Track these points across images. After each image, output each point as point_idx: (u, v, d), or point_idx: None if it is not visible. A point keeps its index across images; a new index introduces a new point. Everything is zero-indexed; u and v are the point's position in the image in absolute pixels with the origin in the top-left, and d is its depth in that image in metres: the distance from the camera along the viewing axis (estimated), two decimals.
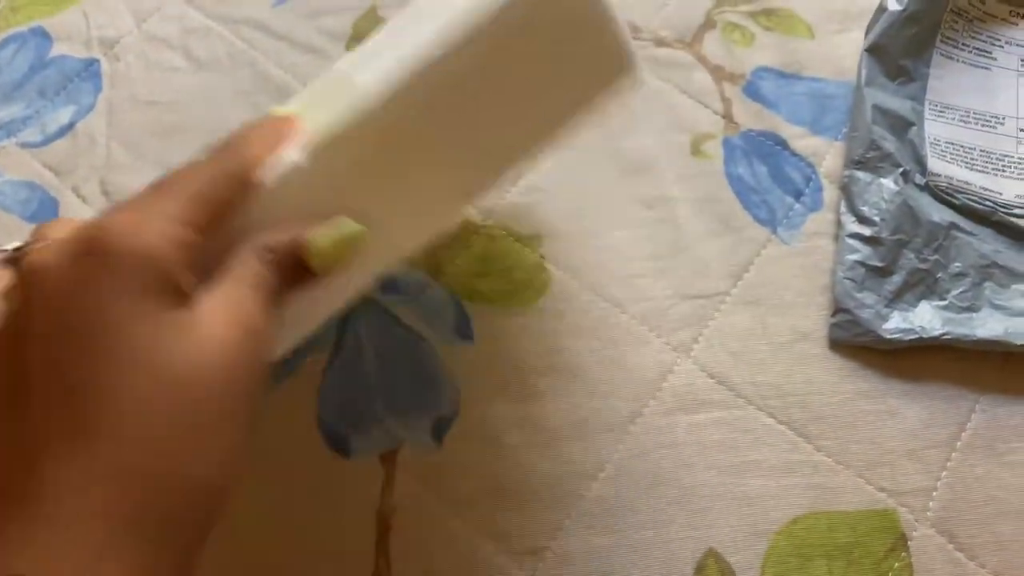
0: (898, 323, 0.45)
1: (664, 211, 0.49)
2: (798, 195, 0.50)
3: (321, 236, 0.31)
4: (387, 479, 0.43)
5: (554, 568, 0.41)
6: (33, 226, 0.34)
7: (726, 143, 0.52)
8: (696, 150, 0.51)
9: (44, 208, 0.51)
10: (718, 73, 0.54)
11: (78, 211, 0.51)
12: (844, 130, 0.52)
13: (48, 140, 0.53)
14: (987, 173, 0.49)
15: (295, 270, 0.31)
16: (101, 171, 0.52)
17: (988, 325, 0.44)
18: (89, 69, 0.56)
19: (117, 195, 0.51)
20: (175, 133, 0.53)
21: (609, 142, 0.51)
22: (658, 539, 0.41)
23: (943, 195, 0.48)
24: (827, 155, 0.51)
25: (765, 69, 0.54)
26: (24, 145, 0.53)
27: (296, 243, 0.31)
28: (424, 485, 0.43)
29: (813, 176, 0.50)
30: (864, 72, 0.50)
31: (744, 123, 0.52)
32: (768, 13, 0.55)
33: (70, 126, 0.54)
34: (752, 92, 0.53)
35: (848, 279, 0.46)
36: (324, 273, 0.32)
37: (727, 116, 0.53)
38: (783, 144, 0.51)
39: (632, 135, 0.52)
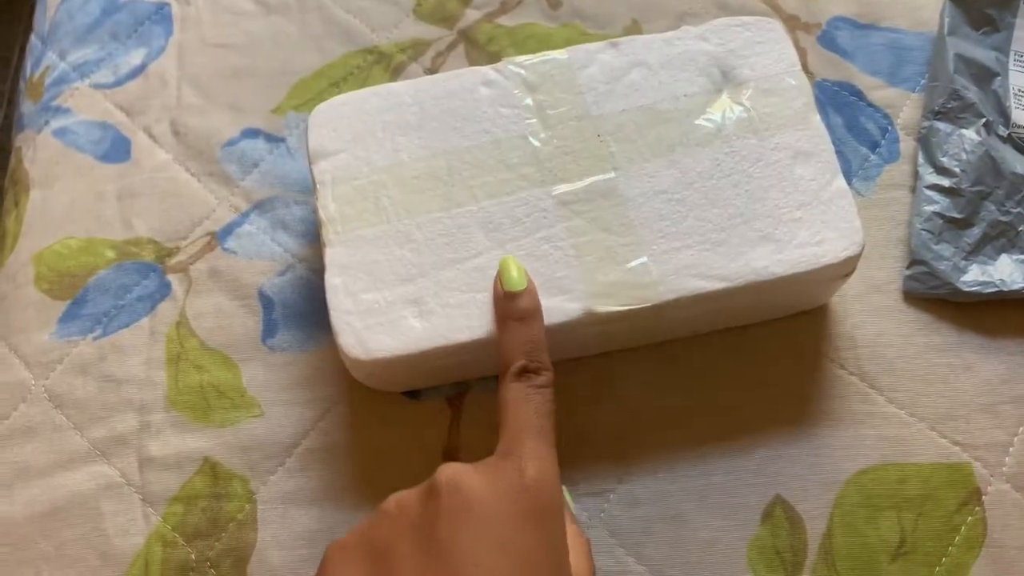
0: (976, 276, 0.44)
1: None
2: (874, 146, 0.49)
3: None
4: (453, 420, 0.43)
5: (619, 510, 0.41)
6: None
7: None
8: None
9: (116, 147, 0.52)
10: (793, 23, 0.53)
11: (150, 151, 0.51)
12: (922, 82, 0.51)
13: (120, 81, 0.54)
14: None
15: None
16: (172, 112, 0.53)
17: None
18: (160, 12, 0.56)
19: (188, 136, 0.52)
20: (244, 76, 0.54)
21: None
22: (725, 485, 0.41)
23: None
24: (904, 106, 0.50)
25: (842, 19, 0.53)
26: (97, 86, 0.54)
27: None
28: (489, 428, 0.43)
29: (890, 127, 0.49)
30: (947, 20, 0.49)
31: (819, 73, 0.51)
32: None
33: (142, 68, 0.54)
34: (828, 42, 0.52)
35: (925, 231, 0.45)
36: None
37: (802, 66, 0.52)
38: (859, 95, 0.51)
39: None
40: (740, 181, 0.41)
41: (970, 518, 0.40)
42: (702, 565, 0.40)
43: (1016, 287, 0.43)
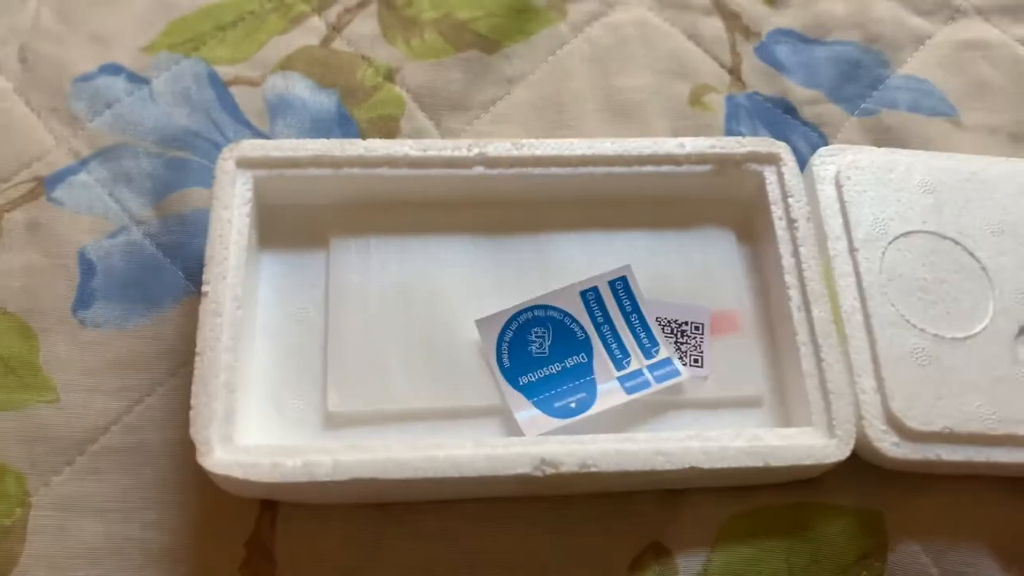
0: None
1: None
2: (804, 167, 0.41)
3: None
4: None
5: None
6: None
7: (729, 100, 0.43)
8: (695, 100, 0.43)
9: None
10: (733, 22, 0.45)
11: None
12: (863, 105, 0.43)
13: None
14: None
15: None
16: (24, 36, 0.43)
17: None
18: None
19: (37, 64, 0.42)
20: (117, 4, 0.44)
21: (600, 78, 0.43)
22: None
23: None
24: (842, 127, 0.43)
25: (783, 32, 0.45)
26: None
27: None
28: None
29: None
30: None
31: (752, 85, 0.44)
32: None
33: None
34: (765, 54, 0.45)
35: None
36: None
37: (734, 72, 0.44)
38: (792, 111, 0.43)
39: (626, 73, 0.43)
40: None
41: (864, 572, 0.33)
42: None
43: None
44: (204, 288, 0.32)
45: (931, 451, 0.32)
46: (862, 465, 0.33)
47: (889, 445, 0.32)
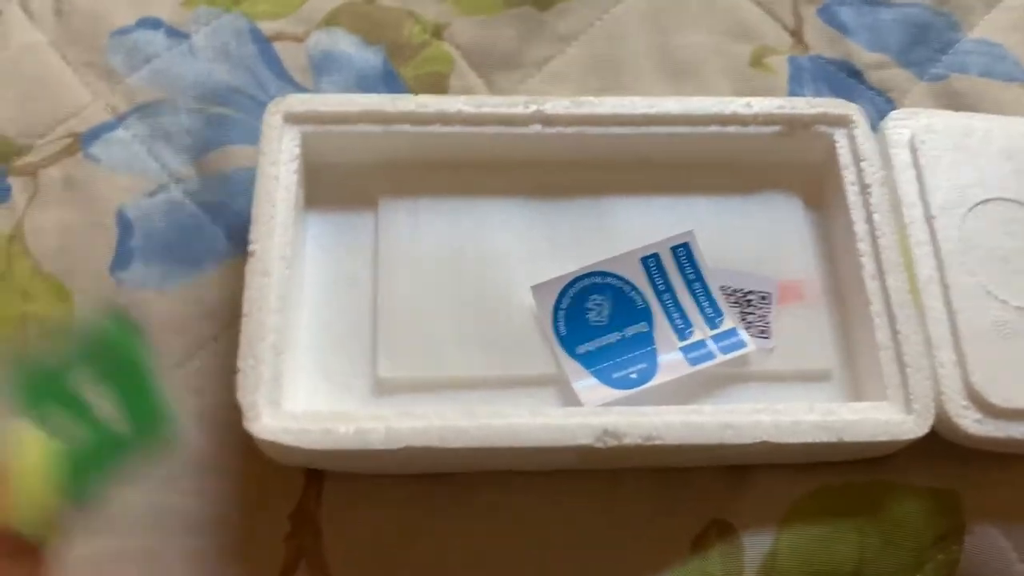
0: None
1: None
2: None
3: None
4: None
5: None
6: None
7: (792, 62, 0.41)
8: (757, 62, 0.41)
9: None
10: None
11: (22, 28, 0.40)
12: (932, 70, 0.41)
13: None
14: None
15: None
16: None
17: None
18: None
19: (72, 16, 0.40)
20: None
21: (657, 37, 0.41)
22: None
23: None
24: (910, 92, 0.40)
25: None
26: None
27: None
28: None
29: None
30: None
31: (815, 48, 0.41)
32: None
33: None
34: (829, 16, 0.42)
35: None
36: None
37: (796, 34, 0.42)
38: (857, 76, 0.41)
39: (684, 33, 0.41)
40: None
41: (940, 556, 0.31)
42: None
43: None
44: (251, 247, 0.31)
45: (1016, 429, 0.30)
46: (936, 442, 0.31)
47: (971, 422, 0.30)
